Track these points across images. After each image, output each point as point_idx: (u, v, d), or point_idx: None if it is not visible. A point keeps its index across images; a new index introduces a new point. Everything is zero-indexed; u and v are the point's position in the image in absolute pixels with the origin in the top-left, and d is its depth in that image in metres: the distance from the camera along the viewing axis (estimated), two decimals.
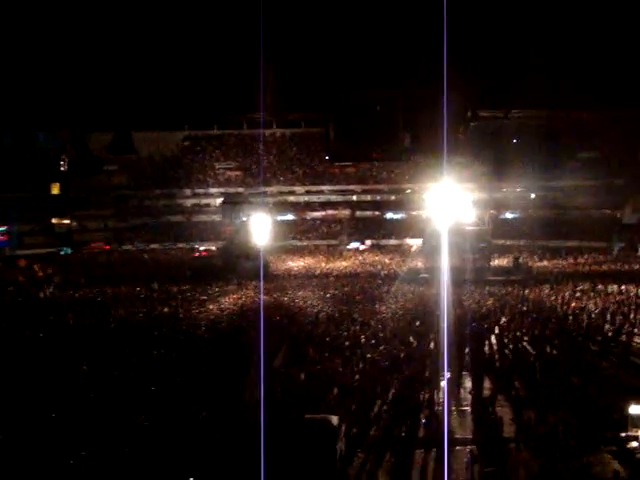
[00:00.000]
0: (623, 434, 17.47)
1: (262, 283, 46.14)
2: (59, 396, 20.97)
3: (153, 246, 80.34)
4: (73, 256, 73.71)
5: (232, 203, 62.05)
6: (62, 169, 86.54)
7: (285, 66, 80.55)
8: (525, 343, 28.27)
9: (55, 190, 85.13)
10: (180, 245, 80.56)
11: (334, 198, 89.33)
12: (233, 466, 15.69)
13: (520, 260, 54.75)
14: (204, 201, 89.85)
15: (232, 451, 16.45)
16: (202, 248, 76.28)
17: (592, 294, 38.83)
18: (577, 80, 78.25)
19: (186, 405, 19.81)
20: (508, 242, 69.95)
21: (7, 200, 76.70)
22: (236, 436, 17.25)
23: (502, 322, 31.50)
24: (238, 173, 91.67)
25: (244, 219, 56.48)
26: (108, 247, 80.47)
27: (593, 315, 32.68)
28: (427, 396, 20.88)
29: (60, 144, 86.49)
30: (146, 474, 15.48)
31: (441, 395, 20.50)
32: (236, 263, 52.58)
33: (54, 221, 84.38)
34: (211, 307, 38.04)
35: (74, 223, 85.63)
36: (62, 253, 75.37)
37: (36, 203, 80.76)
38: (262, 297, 40.38)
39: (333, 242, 79.79)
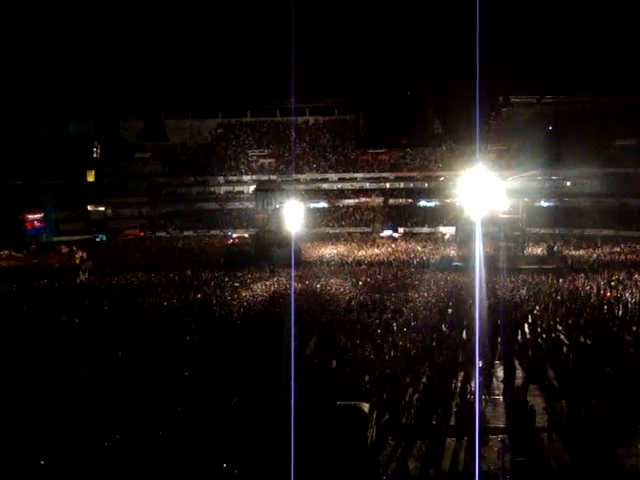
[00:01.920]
0: None
1: (294, 270, 46.26)
2: (95, 380, 21.34)
3: (186, 233, 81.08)
4: (108, 243, 74.69)
5: (265, 190, 62.26)
6: (95, 156, 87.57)
7: (317, 52, 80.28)
8: (559, 332, 28.03)
9: (90, 177, 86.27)
10: (213, 232, 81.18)
11: (367, 185, 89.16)
12: (265, 452, 15.83)
13: (555, 249, 54.12)
14: (237, 188, 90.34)
15: (264, 437, 16.59)
16: (235, 235, 76.80)
17: (628, 283, 38.25)
18: (613, 65, 76.91)
19: (219, 391, 20.01)
20: (542, 230, 69.21)
21: (43, 187, 77.98)
22: (268, 423, 17.39)
23: (536, 311, 31.22)
24: (271, 160, 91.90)
25: (277, 206, 56.68)
26: (142, 234, 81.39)
27: (629, 305, 32.24)
28: (459, 384, 20.85)
29: (92, 132, 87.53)
30: (179, 459, 15.69)
31: (473, 384, 20.43)
32: (269, 250, 52.75)
33: (89, 208, 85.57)
34: (244, 294, 38.25)
35: (109, 210, 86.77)
36: (98, 240, 76.46)
37: (71, 190, 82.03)
38: (294, 284, 40.51)
39: (366, 230, 79.66)
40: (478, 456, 15.04)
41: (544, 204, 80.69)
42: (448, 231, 71.03)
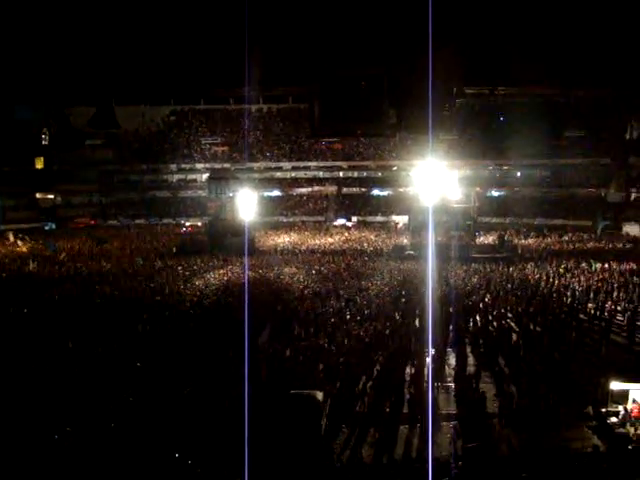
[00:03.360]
0: (603, 410, 17.72)
1: (247, 259, 46.12)
2: (44, 371, 20.97)
3: (138, 221, 79.95)
4: (58, 231, 73.25)
5: (218, 179, 61.65)
6: (44, 143, 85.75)
7: (271, 41, 79.78)
8: (509, 320, 28.56)
9: (39, 164, 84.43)
10: (166, 221, 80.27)
11: (321, 174, 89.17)
12: (218, 442, 15.79)
13: (505, 238, 55.00)
14: (190, 176, 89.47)
15: (217, 427, 16.55)
16: (188, 224, 76.17)
17: (576, 272, 39.12)
18: (563, 57, 78.23)
19: (171, 381, 19.87)
20: (494, 220, 70.24)
21: None
22: (221, 412, 17.34)
23: (487, 299, 31.71)
24: (224, 148, 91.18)
25: (230, 195, 56.25)
26: (93, 222, 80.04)
27: (576, 292, 32.97)
28: (412, 372, 21.07)
29: (41, 117, 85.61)
30: (132, 449, 15.54)
31: (426, 371, 20.66)
32: (222, 239, 52.45)
33: (38, 196, 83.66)
34: (197, 283, 37.99)
35: (58, 198, 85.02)
36: (47, 228, 74.93)
37: (19, 177, 80.00)
38: (247, 273, 40.39)
39: (319, 218, 79.73)
40: (430, 443, 15.24)
41: (495, 193, 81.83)
42: (401, 220, 71.53)
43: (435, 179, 50.07)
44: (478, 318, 28.50)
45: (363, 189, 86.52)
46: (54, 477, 14.51)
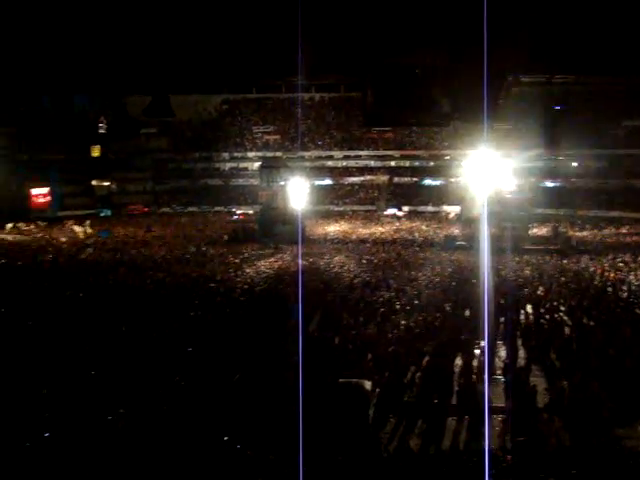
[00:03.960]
0: None
1: (299, 247, 46.25)
2: (99, 355, 21.45)
3: (191, 209, 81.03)
4: (113, 217, 74.73)
5: (270, 167, 61.95)
6: (101, 132, 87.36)
7: (324, 29, 79.64)
8: (562, 313, 28.05)
9: (95, 152, 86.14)
10: (217, 208, 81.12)
11: (372, 163, 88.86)
12: (267, 428, 15.92)
13: (559, 229, 54.00)
14: (242, 165, 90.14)
15: (267, 413, 16.69)
16: (239, 212, 76.82)
17: (632, 265, 38.20)
18: (622, 45, 76.17)
19: (222, 367, 20.10)
20: (548, 211, 69.00)
21: (49, 162, 77.87)
22: (271, 398, 17.48)
23: (539, 291, 31.22)
24: (276, 137, 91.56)
25: (281, 183, 56.46)
26: (147, 209, 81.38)
27: (632, 287, 32.22)
28: (461, 364, 20.89)
29: (98, 107, 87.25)
30: (183, 433, 15.79)
31: (475, 363, 20.48)
32: (273, 227, 52.75)
33: (94, 183, 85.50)
34: (247, 270, 38.32)
35: (114, 185, 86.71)
36: (102, 215, 76.48)
37: (77, 165, 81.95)
38: (300, 261, 40.54)
39: (370, 208, 79.54)
40: (479, 435, 15.09)
41: (550, 184, 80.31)
42: (453, 210, 70.89)
43: (488, 169, 49.39)
44: (530, 310, 28.10)
45: (415, 178, 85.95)
46: (107, 455, 14.84)
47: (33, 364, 20.37)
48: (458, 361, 21.26)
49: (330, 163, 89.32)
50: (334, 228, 61.65)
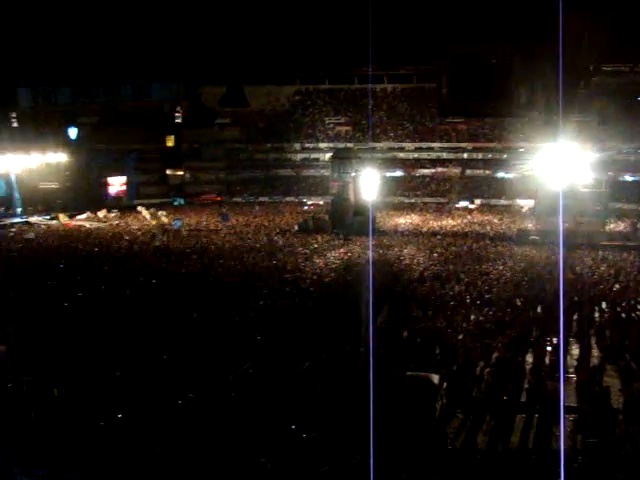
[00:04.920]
0: None
1: (371, 239, 46.17)
2: (170, 340, 21.97)
3: (262, 199, 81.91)
4: (186, 206, 76.23)
5: (341, 158, 61.99)
6: (177, 122, 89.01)
7: (398, 19, 78.97)
8: (639, 312, 27.19)
9: (170, 142, 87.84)
10: (288, 199, 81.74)
11: (444, 155, 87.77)
12: (334, 417, 16.02)
13: (638, 225, 52.23)
14: (313, 155, 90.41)
15: (334, 403, 16.79)
16: (310, 202, 77.20)
17: None
18: None
19: (291, 356, 20.31)
20: (626, 206, 66.79)
21: (125, 151, 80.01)
22: (338, 389, 17.57)
23: (615, 289, 30.34)
24: (348, 128, 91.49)
25: (352, 174, 56.42)
26: (219, 198, 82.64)
27: None
28: (532, 361, 20.54)
29: (175, 97, 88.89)
30: (251, 420, 16.04)
31: (546, 361, 20.10)
32: (344, 218, 52.84)
33: (168, 172, 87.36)
34: (317, 261, 38.53)
35: (187, 174, 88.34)
36: (176, 203, 78.06)
37: (152, 155, 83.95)
38: (370, 252, 40.51)
39: (442, 200, 78.72)
40: (549, 434, 14.81)
41: (629, 178, 77.66)
42: (526, 204, 69.42)
43: (564, 162, 48.13)
44: (605, 309, 27.35)
45: (487, 171, 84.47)
46: (176, 438, 15.22)
47: (107, 347, 21.03)
48: (528, 358, 20.91)
49: (402, 155, 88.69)
50: (405, 220, 61.31)
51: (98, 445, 14.95)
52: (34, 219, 60.20)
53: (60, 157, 67.64)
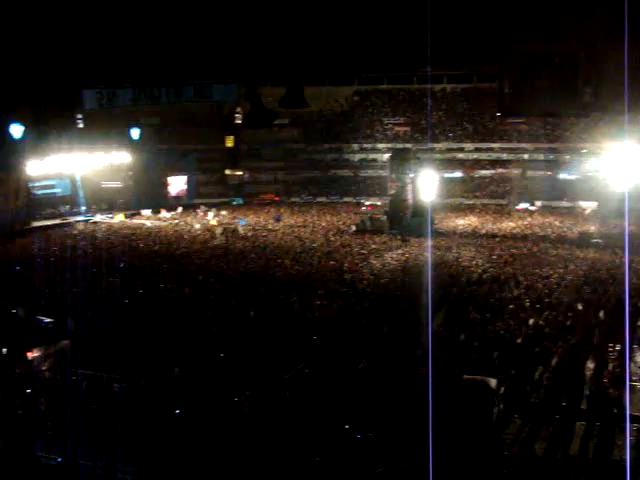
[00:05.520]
0: None
1: (429, 240, 45.81)
2: (227, 339, 22.21)
3: (320, 199, 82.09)
4: (244, 206, 76.97)
5: (399, 159, 61.62)
6: (237, 122, 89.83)
7: (457, 18, 78.09)
8: None
9: (229, 143, 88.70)
10: (346, 199, 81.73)
11: (504, 156, 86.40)
12: (390, 419, 15.95)
13: None
14: (371, 156, 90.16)
15: (390, 404, 16.71)
16: (368, 203, 77.01)
17: None
18: None
19: (346, 356, 20.31)
20: None
21: (186, 151, 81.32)
22: (394, 390, 17.49)
23: None
24: (406, 128, 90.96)
25: (411, 175, 56.04)
26: (277, 199, 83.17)
27: None
28: (593, 367, 20.05)
29: (235, 98, 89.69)
30: (305, 419, 16.09)
31: (609, 367, 19.60)
32: (402, 219, 52.57)
33: (227, 172, 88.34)
34: (374, 262, 38.43)
35: (246, 175, 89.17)
36: (234, 203, 78.83)
37: (212, 155, 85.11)
38: (428, 254, 40.19)
39: (501, 202, 77.55)
40: (629, 445, 14.29)
41: None
42: (589, 206, 67.87)
43: (630, 163, 46.89)
44: None
45: (549, 172, 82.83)
46: (231, 434, 15.39)
47: (166, 344, 21.40)
48: (589, 364, 20.41)
49: (461, 155, 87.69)
50: (463, 222, 60.63)
51: (156, 440, 15.23)
52: (97, 217, 61.69)
53: (123, 157, 69.08)
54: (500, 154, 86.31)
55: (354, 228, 53.66)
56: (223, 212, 63.97)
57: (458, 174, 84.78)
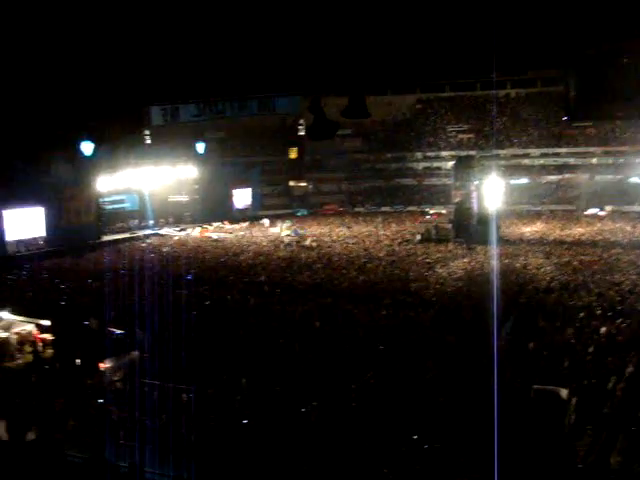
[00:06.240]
0: None
1: (495, 247, 45.22)
2: (294, 348, 22.37)
3: (384, 209, 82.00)
4: (309, 217, 77.47)
5: (463, 166, 61.07)
6: (300, 134, 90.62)
7: (520, 22, 76.95)
8: None
9: (293, 154, 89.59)
10: (410, 208, 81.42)
11: (572, 161, 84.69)
12: (457, 429, 15.79)
13: None
14: (435, 164, 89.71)
15: (456, 414, 16.55)
16: (432, 211, 76.52)
17: None
18: None
19: (412, 366, 20.20)
20: None
21: (250, 164, 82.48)
22: (460, 400, 17.31)
23: None
24: (470, 135, 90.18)
25: (476, 182, 55.46)
26: (341, 209, 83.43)
27: None
28: None
29: (297, 110, 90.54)
30: (372, 430, 16.07)
31: None
32: (467, 227, 52.07)
33: (291, 184, 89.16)
34: (440, 270, 38.13)
35: (310, 185, 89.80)
36: (299, 214, 79.48)
37: (276, 167, 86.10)
38: (494, 262, 39.66)
39: (569, 207, 76.03)
40: None
41: None
42: None
43: None
44: None
45: (619, 176, 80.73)
46: (299, 444, 15.48)
47: (232, 354, 21.70)
48: None
49: (526, 161, 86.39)
50: (530, 228, 59.61)
51: (224, 450, 15.44)
52: (165, 231, 63.04)
53: (189, 171, 70.47)
54: (567, 159, 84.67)
55: (419, 237, 53.38)
56: (288, 223, 64.60)
57: (524, 180, 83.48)
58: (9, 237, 49.12)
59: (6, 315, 27.81)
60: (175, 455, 14.88)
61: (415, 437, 15.48)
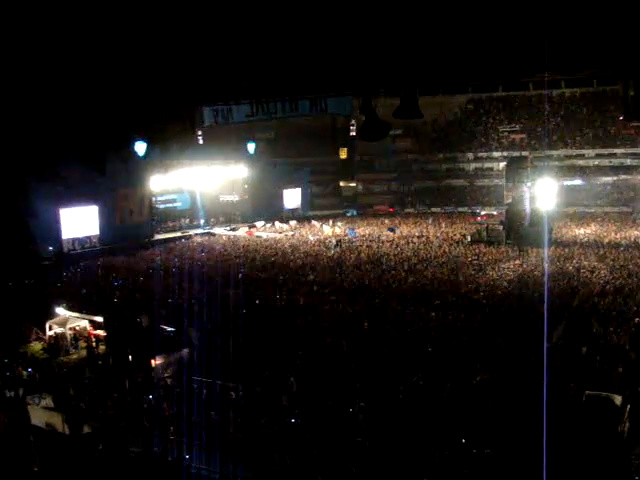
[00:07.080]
0: None
1: (547, 250, 44.48)
2: (341, 348, 22.40)
3: (434, 209, 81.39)
4: (358, 217, 77.36)
5: (516, 167, 60.15)
6: (351, 134, 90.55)
7: (575, 19, 75.54)
8: None
9: (343, 155, 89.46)
10: (461, 209, 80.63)
11: (628, 162, 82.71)
12: (506, 433, 15.60)
13: None
14: (486, 165, 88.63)
15: (506, 418, 16.35)
16: (483, 213, 75.65)
17: None
18: None
19: (461, 367, 20.03)
20: None
21: (301, 164, 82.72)
22: (511, 403, 17.10)
23: None
24: (522, 136, 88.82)
25: (528, 184, 54.59)
26: (391, 210, 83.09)
27: None
28: None
29: (348, 110, 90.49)
30: (420, 432, 15.98)
31: None
32: (519, 229, 51.33)
33: (342, 184, 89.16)
34: (490, 273, 37.69)
35: (360, 186, 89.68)
36: (348, 215, 79.45)
37: (326, 167, 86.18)
38: (546, 265, 39.04)
39: (625, 209, 74.28)
40: None
41: None
42: None
43: None
44: None
45: None
46: (347, 445, 15.49)
47: (280, 354, 21.84)
48: None
49: (581, 162, 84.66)
50: (584, 231, 58.40)
51: (272, 448, 15.54)
52: (216, 230, 63.72)
53: (239, 171, 71.03)
54: (623, 159, 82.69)
55: (469, 238, 52.85)
56: (338, 224, 64.63)
57: (578, 181, 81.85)
58: (65, 235, 50.26)
59: (62, 311, 28.56)
60: (222, 452, 15.04)
61: (463, 441, 15.34)
